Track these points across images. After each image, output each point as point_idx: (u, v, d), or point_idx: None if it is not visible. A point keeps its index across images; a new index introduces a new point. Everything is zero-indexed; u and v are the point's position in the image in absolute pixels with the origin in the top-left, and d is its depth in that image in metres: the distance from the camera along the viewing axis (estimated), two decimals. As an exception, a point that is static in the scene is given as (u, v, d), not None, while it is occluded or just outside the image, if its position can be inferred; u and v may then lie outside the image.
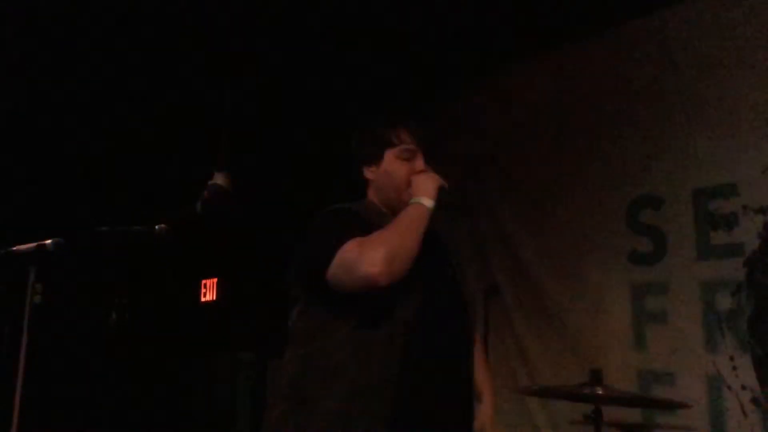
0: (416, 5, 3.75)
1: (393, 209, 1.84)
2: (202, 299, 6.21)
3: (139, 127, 4.90)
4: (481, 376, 2.07)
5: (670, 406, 2.66)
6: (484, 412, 2.08)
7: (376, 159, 1.90)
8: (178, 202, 3.45)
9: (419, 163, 1.87)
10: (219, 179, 3.17)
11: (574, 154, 3.67)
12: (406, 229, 1.71)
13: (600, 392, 2.29)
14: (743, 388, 2.87)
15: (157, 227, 2.46)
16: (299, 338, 1.77)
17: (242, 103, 4.15)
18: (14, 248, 2.35)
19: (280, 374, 1.78)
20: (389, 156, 1.88)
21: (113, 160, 5.12)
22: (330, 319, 1.71)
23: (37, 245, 2.33)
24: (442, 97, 4.27)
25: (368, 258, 1.62)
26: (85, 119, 4.75)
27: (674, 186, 3.22)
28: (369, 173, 1.92)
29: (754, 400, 2.84)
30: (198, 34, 3.96)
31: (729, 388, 2.90)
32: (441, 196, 1.81)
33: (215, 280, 6.15)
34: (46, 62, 4.22)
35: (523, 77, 3.99)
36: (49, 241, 2.34)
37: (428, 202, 1.77)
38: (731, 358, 2.92)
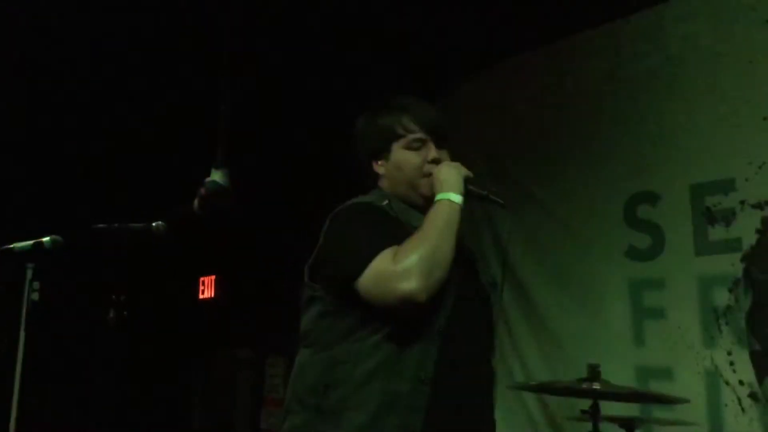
0: (416, 5, 3.76)
1: (411, 203, 1.73)
2: (201, 296, 6.21)
3: (138, 127, 4.91)
4: None
5: (668, 401, 2.67)
6: None
7: (383, 153, 1.77)
8: (176, 201, 3.46)
9: (431, 151, 1.73)
10: (216, 176, 3.19)
11: (571, 151, 3.67)
12: (440, 233, 1.56)
13: (597, 387, 2.29)
14: (741, 383, 2.87)
15: (154, 224, 2.47)
16: (322, 340, 1.62)
17: (241, 102, 4.15)
18: (12, 246, 2.36)
19: (296, 376, 1.64)
20: (397, 148, 1.75)
21: (111, 159, 5.13)
22: (358, 323, 1.57)
23: (35, 243, 2.34)
24: (441, 97, 4.28)
25: (404, 273, 1.48)
26: (84, 118, 4.76)
27: (671, 182, 3.21)
28: (378, 167, 1.78)
29: (752, 395, 2.83)
30: (197, 34, 3.97)
31: (727, 383, 2.90)
32: (469, 187, 1.68)
33: (213, 277, 6.16)
34: (46, 62, 4.23)
35: (521, 75, 3.99)
36: (46, 239, 2.35)
37: (457, 198, 1.63)
38: (729, 354, 2.92)
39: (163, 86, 4.46)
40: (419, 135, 1.73)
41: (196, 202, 3.19)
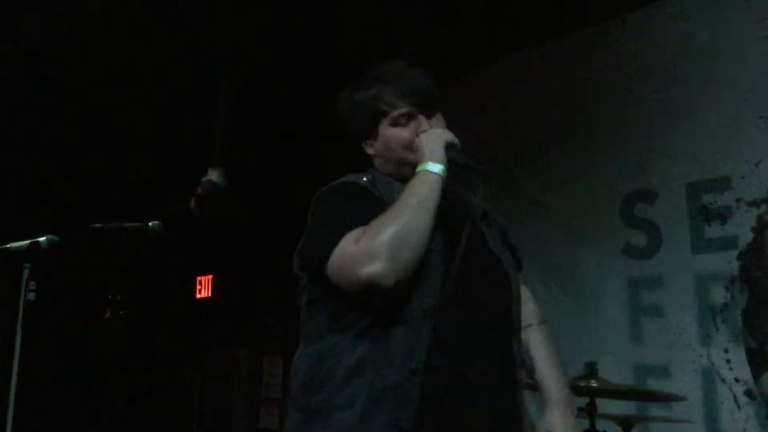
0: (415, 3, 3.76)
1: (404, 180, 1.56)
2: (197, 296, 6.20)
3: (135, 126, 4.89)
4: (545, 370, 1.66)
5: (665, 399, 2.67)
6: (553, 418, 1.60)
7: (370, 133, 1.62)
8: (173, 200, 3.46)
9: (422, 124, 1.57)
10: (213, 175, 3.19)
11: (569, 149, 3.67)
12: (412, 208, 1.42)
13: (595, 385, 2.30)
14: (736, 380, 2.88)
15: (151, 224, 2.46)
16: (309, 334, 1.52)
17: (239, 101, 4.15)
18: (8, 245, 2.35)
19: (292, 372, 1.55)
20: (384, 126, 1.59)
21: (108, 158, 5.11)
22: (341, 312, 1.46)
23: (31, 242, 2.33)
24: (438, 94, 4.27)
25: (368, 255, 1.35)
26: (81, 117, 4.75)
27: (668, 180, 3.23)
28: (369, 148, 1.65)
29: (748, 393, 2.85)
30: (195, 32, 3.96)
31: (723, 380, 2.92)
32: (450, 155, 1.51)
33: (210, 276, 6.14)
34: (42, 60, 4.22)
35: (518, 73, 4.00)
36: (42, 238, 2.34)
37: (436, 167, 1.47)
38: (725, 351, 2.94)
39: (160, 85, 4.45)
40: (405, 110, 1.57)
41: (193, 201, 3.19)
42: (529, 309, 1.75)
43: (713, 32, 3.19)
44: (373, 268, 1.35)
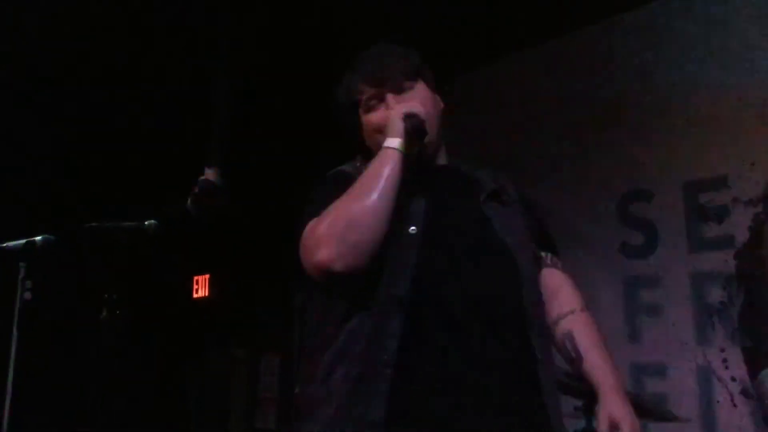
0: (415, 2, 3.76)
1: None
2: (195, 296, 6.20)
3: (132, 126, 4.90)
4: (593, 358, 1.53)
5: (660, 417, 2.66)
6: (612, 406, 1.45)
7: (358, 125, 1.59)
8: (170, 199, 3.46)
9: (389, 102, 1.51)
10: (209, 175, 3.20)
11: (566, 149, 3.67)
12: (360, 189, 1.36)
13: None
14: (733, 379, 2.88)
15: (147, 223, 2.47)
16: (305, 332, 1.53)
17: (236, 100, 4.15)
18: (4, 245, 2.36)
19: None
20: (362, 115, 1.57)
21: (105, 157, 5.12)
22: (325, 307, 1.44)
23: (27, 242, 2.34)
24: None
25: (316, 241, 1.32)
26: (77, 117, 4.75)
27: (665, 179, 3.24)
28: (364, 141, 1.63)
29: (744, 392, 2.85)
30: (195, 32, 3.97)
31: (719, 379, 2.92)
32: (411, 128, 1.42)
33: (207, 276, 6.14)
34: (40, 60, 4.23)
35: (516, 72, 4.00)
36: (38, 238, 2.35)
37: (392, 142, 1.40)
38: (722, 350, 2.94)
39: (159, 85, 4.45)
40: (371, 92, 1.54)
41: (189, 200, 3.20)
42: (567, 295, 1.65)
43: (710, 31, 3.19)
44: (321, 254, 1.31)
